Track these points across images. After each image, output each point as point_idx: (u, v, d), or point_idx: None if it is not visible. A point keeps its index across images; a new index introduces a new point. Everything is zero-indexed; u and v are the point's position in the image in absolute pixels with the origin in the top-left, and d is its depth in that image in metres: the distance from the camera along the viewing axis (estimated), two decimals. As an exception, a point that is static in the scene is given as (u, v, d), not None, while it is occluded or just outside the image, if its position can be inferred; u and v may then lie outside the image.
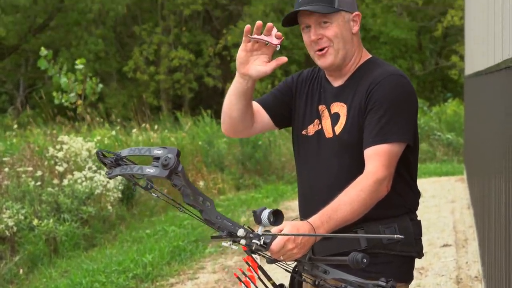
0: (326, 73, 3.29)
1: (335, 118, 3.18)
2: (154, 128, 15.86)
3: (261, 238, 2.67)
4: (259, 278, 2.76)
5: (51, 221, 9.48)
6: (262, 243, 2.67)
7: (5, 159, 11.07)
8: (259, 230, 2.69)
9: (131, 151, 2.72)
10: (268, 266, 2.81)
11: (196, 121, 17.64)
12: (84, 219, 10.05)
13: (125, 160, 2.72)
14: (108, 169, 2.73)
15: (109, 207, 10.64)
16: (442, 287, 7.30)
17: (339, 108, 3.18)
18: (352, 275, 2.63)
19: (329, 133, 3.18)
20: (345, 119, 3.15)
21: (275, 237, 2.70)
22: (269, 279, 2.77)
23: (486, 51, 7.36)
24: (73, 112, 15.45)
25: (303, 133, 3.28)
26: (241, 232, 2.66)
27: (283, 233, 2.70)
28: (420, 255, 3.22)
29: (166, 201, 2.84)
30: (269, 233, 2.70)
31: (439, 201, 12.04)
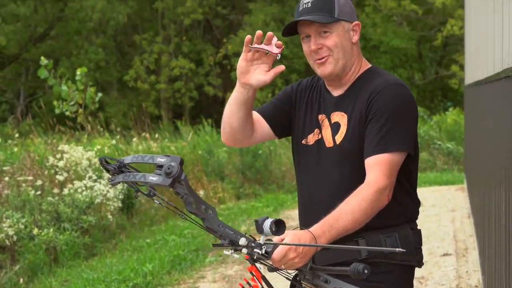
0: (325, 82, 3.29)
1: (335, 127, 3.19)
2: (154, 137, 15.87)
3: (263, 247, 2.68)
4: (263, 288, 2.77)
5: (51, 230, 9.48)
6: (263, 252, 2.68)
7: (5, 168, 11.08)
8: (261, 239, 2.70)
9: (134, 159, 2.73)
10: (269, 274, 2.82)
11: (196, 130, 17.64)
12: (84, 228, 10.05)
13: (128, 167, 2.73)
14: (111, 175, 2.73)
15: (109, 217, 10.64)
16: (442, 297, 7.30)
17: (340, 117, 3.19)
18: (353, 285, 2.63)
19: (329, 143, 3.19)
20: (346, 129, 3.15)
21: (276, 246, 2.70)
22: None
23: (485, 60, 7.37)
24: (73, 121, 15.46)
25: (303, 142, 3.28)
26: (243, 241, 2.66)
27: (285, 243, 2.71)
28: (420, 264, 3.22)
29: (168, 208, 2.84)
30: (271, 242, 2.71)
31: (439, 210, 12.03)
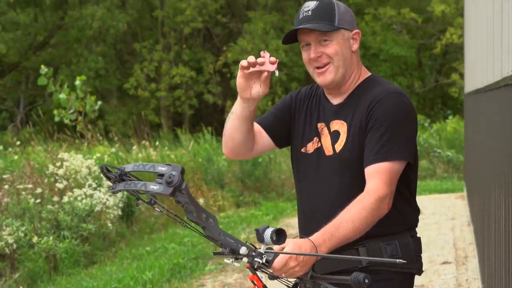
0: (325, 90, 3.29)
1: (335, 136, 3.19)
2: (154, 145, 15.87)
3: (264, 256, 2.68)
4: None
5: (51, 238, 9.47)
6: (264, 261, 2.68)
7: (5, 177, 11.07)
8: (262, 248, 2.70)
9: (135, 167, 2.73)
10: (270, 282, 2.82)
11: (196, 139, 17.65)
12: (84, 236, 10.04)
13: (129, 175, 2.73)
14: (112, 183, 2.74)
15: (109, 225, 10.63)
16: (442, 305, 7.29)
17: (339, 126, 3.19)
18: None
19: (329, 151, 3.19)
20: (346, 137, 3.16)
21: (277, 255, 2.71)
22: None
23: (485, 68, 7.38)
24: (73, 129, 15.47)
25: (302, 151, 3.28)
26: (243, 250, 2.67)
27: (285, 252, 2.71)
28: (420, 271, 3.23)
29: (168, 216, 2.85)
30: (272, 251, 2.71)
31: (439, 218, 12.03)
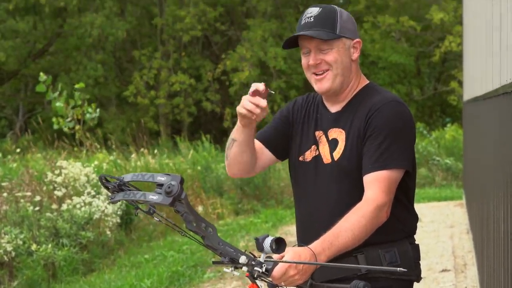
0: (323, 98, 3.30)
1: (333, 144, 3.19)
2: (153, 153, 15.87)
3: (263, 265, 2.68)
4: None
5: (50, 246, 9.46)
6: (264, 270, 2.68)
7: (3, 184, 11.06)
8: (262, 257, 2.70)
9: (134, 177, 2.73)
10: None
11: (195, 146, 17.65)
12: (82, 244, 10.03)
13: (128, 185, 2.73)
14: (111, 193, 2.73)
15: (108, 232, 10.62)
16: (441, 313, 7.28)
17: (337, 134, 3.19)
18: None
19: (327, 159, 3.19)
20: (344, 145, 3.16)
21: (276, 264, 2.71)
22: None
23: (484, 76, 7.39)
24: (72, 137, 15.46)
25: (300, 159, 3.28)
26: (243, 259, 2.67)
27: (285, 260, 2.71)
28: (419, 279, 3.24)
29: (167, 225, 2.85)
30: (271, 260, 2.71)
31: (438, 226, 12.02)
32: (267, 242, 2.69)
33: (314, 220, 3.20)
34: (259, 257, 2.71)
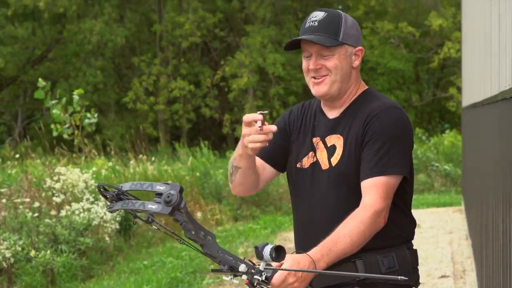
0: (321, 103, 3.29)
1: (331, 150, 3.19)
2: (151, 159, 15.85)
3: (263, 273, 2.68)
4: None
5: (49, 252, 9.45)
6: (264, 278, 2.68)
7: (2, 190, 11.06)
8: (261, 265, 2.69)
9: (133, 186, 2.71)
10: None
11: (193, 152, 17.64)
12: (81, 250, 10.02)
13: (126, 194, 2.72)
14: (109, 202, 2.72)
15: (107, 238, 10.61)
16: (440, 319, 7.27)
17: (336, 140, 3.19)
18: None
19: (325, 165, 3.18)
20: (342, 151, 3.15)
21: (276, 271, 2.70)
22: None
23: (483, 83, 7.40)
24: (70, 143, 15.44)
25: (298, 166, 3.27)
26: (242, 267, 2.66)
27: (284, 268, 2.71)
28: (417, 284, 3.23)
29: (166, 234, 2.84)
30: (270, 267, 2.71)
31: (437, 232, 12.02)
32: (267, 250, 2.68)
33: (312, 226, 3.20)
34: (258, 265, 2.70)
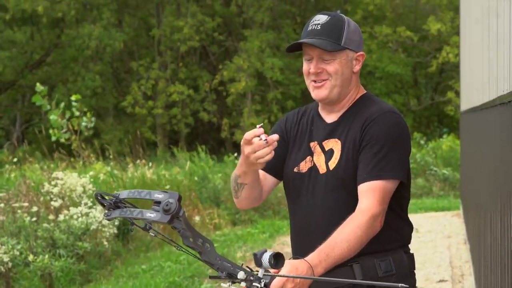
0: (320, 106, 3.29)
1: (329, 154, 3.19)
2: (149, 164, 15.85)
3: (262, 280, 2.67)
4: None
5: (47, 256, 9.44)
6: (262, 285, 2.67)
7: (0, 195, 11.04)
8: (260, 272, 2.69)
9: (131, 194, 2.69)
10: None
11: (192, 157, 17.64)
12: (79, 254, 10.01)
13: (124, 202, 2.70)
14: (106, 210, 2.70)
15: (105, 243, 10.60)
16: (439, 323, 7.27)
17: (333, 144, 3.19)
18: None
19: (323, 169, 3.18)
20: (339, 155, 3.15)
21: (274, 278, 2.70)
22: None
23: (481, 87, 7.40)
24: (68, 148, 15.45)
25: (295, 170, 3.27)
26: (241, 274, 2.65)
27: (282, 275, 2.70)
28: (414, 288, 3.23)
29: (163, 241, 2.82)
30: (269, 274, 2.70)
31: (435, 236, 12.01)
32: (266, 257, 2.67)
33: (310, 230, 3.19)
34: (257, 271, 2.70)
